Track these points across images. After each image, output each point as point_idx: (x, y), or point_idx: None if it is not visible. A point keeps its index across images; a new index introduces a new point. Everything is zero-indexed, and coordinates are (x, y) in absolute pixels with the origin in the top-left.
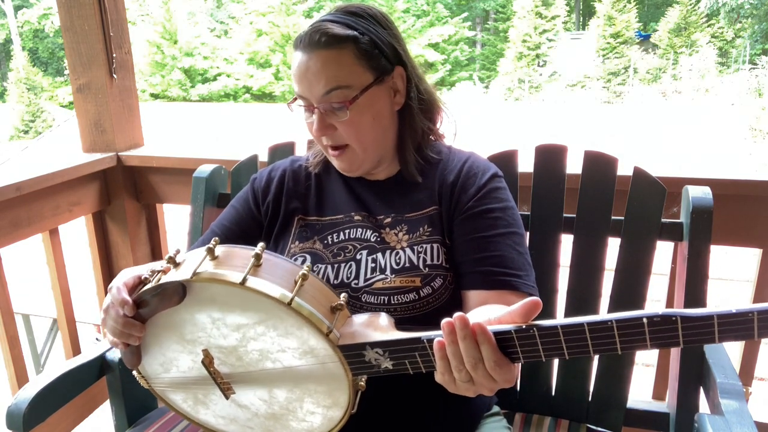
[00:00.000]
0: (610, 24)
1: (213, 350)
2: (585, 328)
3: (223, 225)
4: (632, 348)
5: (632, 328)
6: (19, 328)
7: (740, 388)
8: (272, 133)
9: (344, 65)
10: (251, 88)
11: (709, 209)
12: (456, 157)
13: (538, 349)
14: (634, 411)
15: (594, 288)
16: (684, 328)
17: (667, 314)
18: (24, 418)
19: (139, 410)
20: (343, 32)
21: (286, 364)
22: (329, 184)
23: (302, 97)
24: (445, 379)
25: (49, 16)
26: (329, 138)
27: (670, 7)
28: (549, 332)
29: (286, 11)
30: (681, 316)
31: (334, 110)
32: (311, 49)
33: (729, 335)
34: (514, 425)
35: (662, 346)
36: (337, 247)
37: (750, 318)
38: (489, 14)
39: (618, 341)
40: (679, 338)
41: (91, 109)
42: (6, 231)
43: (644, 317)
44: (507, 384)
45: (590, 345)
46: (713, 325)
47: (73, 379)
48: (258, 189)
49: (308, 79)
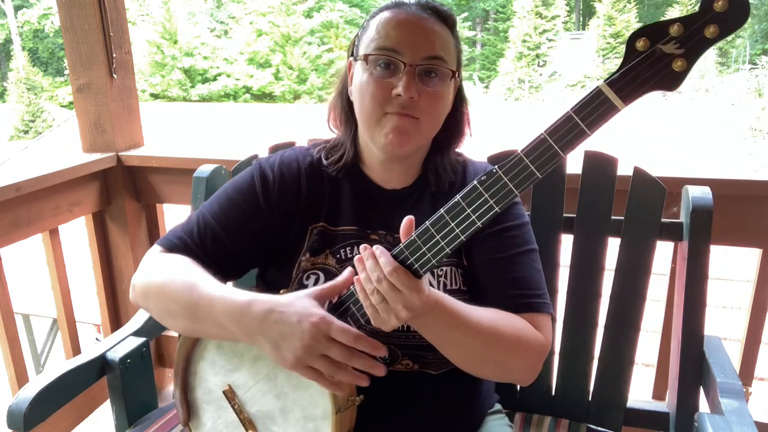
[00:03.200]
0: (610, 24)
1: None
2: (445, 217)
3: (228, 225)
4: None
5: (476, 198)
6: (19, 328)
7: (740, 388)
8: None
9: (449, 43)
10: (251, 88)
11: (709, 209)
12: (473, 170)
13: (425, 252)
14: (634, 411)
15: (594, 288)
16: (506, 176)
17: (489, 171)
18: (25, 417)
19: (139, 410)
20: (449, 11)
21: None
22: (345, 190)
23: (394, 50)
24: (372, 315)
25: (49, 16)
26: (408, 102)
27: (670, 7)
28: (423, 232)
29: (286, 11)
30: (497, 167)
31: (431, 76)
32: (422, 11)
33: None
34: (514, 425)
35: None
36: (350, 264)
37: (544, 139)
38: (489, 14)
39: (472, 215)
40: (510, 186)
41: (91, 109)
42: (6, 231)
43: (476, 182)
44: (414, 294)
45: (455, 228)
46: (523, 161)
47: (74, 379)
48: (270, 185)
49: (415, 35)
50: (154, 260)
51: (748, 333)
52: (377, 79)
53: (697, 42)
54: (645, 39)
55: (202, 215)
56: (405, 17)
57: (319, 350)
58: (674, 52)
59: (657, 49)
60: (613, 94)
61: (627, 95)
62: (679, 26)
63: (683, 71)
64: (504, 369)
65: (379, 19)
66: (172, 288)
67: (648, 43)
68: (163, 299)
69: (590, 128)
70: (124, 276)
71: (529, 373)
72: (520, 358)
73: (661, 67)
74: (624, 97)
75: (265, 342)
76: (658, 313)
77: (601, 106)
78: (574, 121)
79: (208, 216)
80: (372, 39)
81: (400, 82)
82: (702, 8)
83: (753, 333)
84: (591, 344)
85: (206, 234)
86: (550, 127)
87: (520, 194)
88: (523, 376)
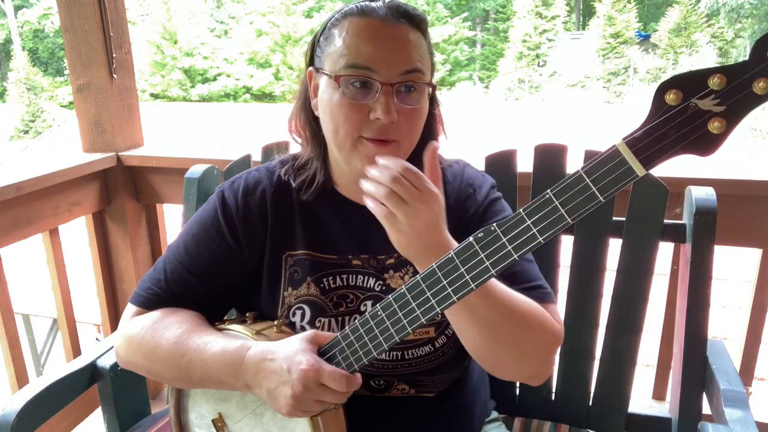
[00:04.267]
0: (610, 24)
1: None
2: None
3: (196, 268)
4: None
5: (471, 256)
6: (19, 328)
7: (745, 396)
8: (274, 133)
9: (423, 49)
10: (251, 88)
11: (713, 210)
12: (450, 174)
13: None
14: (636, 416)
15: (594, 289)
16: (505, 237)
17: (487, 228)
18: (12, 428)
19: (131, 417)
20: (421, 14)
21: None
22: (319, 213)
23: (368, 68)
24: (390, 224)
25: (49, 16)
26: (387, 126)
27: (670, 7)
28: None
29: (286, 11)
30: (496, 225)
31: (409, 91)
32: (395, 20)
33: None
34: (513, 431)
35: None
36: (336, 295)
37: (549, 199)
38: (489, 14)
39: (466, 275)
40: (507, 247)
41: (91, 109)
42: (6, 231)
43: (471, 239)
44: (432, 192)
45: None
46: (525, 221)
47: (63, 388)
48: (234, 218)
49: (389, 50)
50: (132, 328)
51: (748, 333)
52: (350, 100)
53: (743, 99)
54: (677, 91)
55: (169, 261)
56: (376, 28)
57: (312, 397)
58: (712, 109)
59: (691, 105)
60: (633, 156)
61: (649, 158)
62: (721, 78)
63: (721, 133)
64: (519, 350)
65: (346, 28)
66: (159, 359)
67: (681, 96)
68: (155, 370)
69: (602, 194)
70: (124, 276)
71: (544, 361)
72: (538, 335)
73: (695, 127)
74: (645, 161)
75: (262, 393)
76: (658, 313)
77: (617, 170)
78: (584, 183)
79: (175, 261)
80: (340, 54)
81: (378, 104)
82: (753, 57)
83: (753, 333)
84: (592, 346)
85: (176, 281)
86: (557, 185)
87: (520, 258)
88: (537, 364)
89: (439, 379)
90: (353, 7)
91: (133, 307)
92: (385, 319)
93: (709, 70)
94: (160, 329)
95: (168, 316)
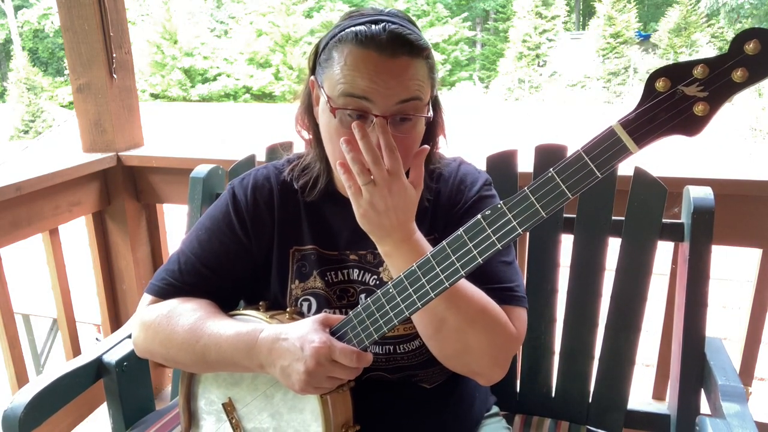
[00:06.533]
0: (610, 24)
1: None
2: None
3: (209, 260)
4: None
5: (479, 232)
6: (19, 328)
7: (742, 391)
8: (274, 133)
9: (422, 76)
10: (251, 88)
11: (711, 210)
12: (446, 172)
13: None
14: (635, 413)
15: (594, 288)
16: (511, 213)
17: (494, 206)
18: (20, 422)
19: (136, 413)
20: (423, 42)
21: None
22: (320, 211)
23: (365, 98)
24: (365, 203)
25: (49, 16)
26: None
27: (670, 7)
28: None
29: (286, 11)
30: (502, 203)
31: (404, 121)
32: (393, 51)
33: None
34: (513, 427)
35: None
36: (339, 288)
37: (552, 177)
38: (489, 14)
39: (474, 251)
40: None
41: (91, 109)
42: (6, 231)
43: (479, 216)
44: (397, 186)
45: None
46: (529, 198)
47: (70, 383)
48: (245, 213)
49: (386, 83)
50: (148, 315)
51: (748, 333)
52: (346, 129)
53: (723, 86)
54: (665, 79)
55: (183, 253)
56: (375, 62)
57: (324, 373)
58: (697, 94)
59: (678, 91)
60: (627, 135)
61: (641, 138)
62: (704, 67)
63: (705, 116)
64: (461, 343)
65: (344, 57)
66: (175, 344)
67: (669, 83)
68: (171, 355)
69: (600, 170)
70: (124, 276)
71: (493, 361)
72: (486, 333)
73: (681, 110)
74: (638, 140)
75: (275, 371)
76: (658, 313)
77: (613, 147)
78: (584, 161)
79: (189, 253)
80: (337, 80)
81: (373, 136)
82: (732, 50)
83: (753, 333)
84: (591, 345)
85: (190, 272)
86: (559, 164)
87: (524, 233)
88: (483, 363)
89: (432, 372)
90: (353, 32)
91: (149, 296)
92: (396, 296)
93: (694, 61)
94: (175, 316)
95: (183, 304)
